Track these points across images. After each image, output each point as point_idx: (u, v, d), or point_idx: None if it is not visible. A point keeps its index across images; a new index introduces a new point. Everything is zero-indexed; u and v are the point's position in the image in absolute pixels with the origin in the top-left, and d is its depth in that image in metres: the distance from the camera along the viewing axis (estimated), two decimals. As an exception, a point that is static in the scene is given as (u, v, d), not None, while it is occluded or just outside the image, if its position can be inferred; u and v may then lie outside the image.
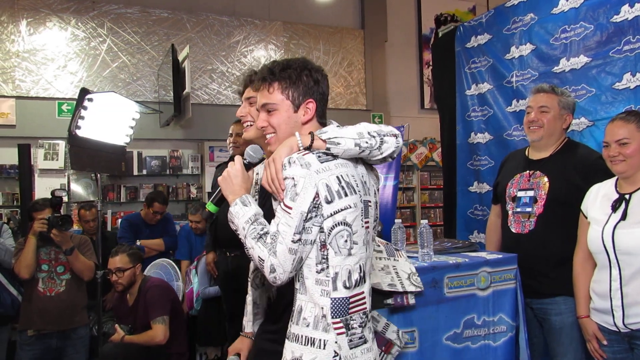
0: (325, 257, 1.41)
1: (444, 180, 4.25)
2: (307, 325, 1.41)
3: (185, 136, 6.55)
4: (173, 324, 3.22)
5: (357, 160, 1.50)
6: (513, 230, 2.50)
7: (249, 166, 1.57)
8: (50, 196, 3.34)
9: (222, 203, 1.57)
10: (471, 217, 3.78)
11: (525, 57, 3.25)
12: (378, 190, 1.61)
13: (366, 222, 1.48)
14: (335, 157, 1.43)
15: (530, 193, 2.45)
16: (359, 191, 1.45)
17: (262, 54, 7.06)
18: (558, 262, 2.34)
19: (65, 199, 5.33)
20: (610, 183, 2.14)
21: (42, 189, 5.42)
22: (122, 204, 6.25)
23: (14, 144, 4.92)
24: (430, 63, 5.86)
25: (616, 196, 2.07)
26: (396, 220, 2.43)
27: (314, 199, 1.38)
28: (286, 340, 1.45)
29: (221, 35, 6.83)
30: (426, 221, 2.39)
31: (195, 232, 4.44)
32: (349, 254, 1.43)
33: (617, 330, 2.04)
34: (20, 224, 4.93)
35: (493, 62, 3.54)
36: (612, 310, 2.03)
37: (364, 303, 1.46)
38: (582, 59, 2.87)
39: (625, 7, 2.63)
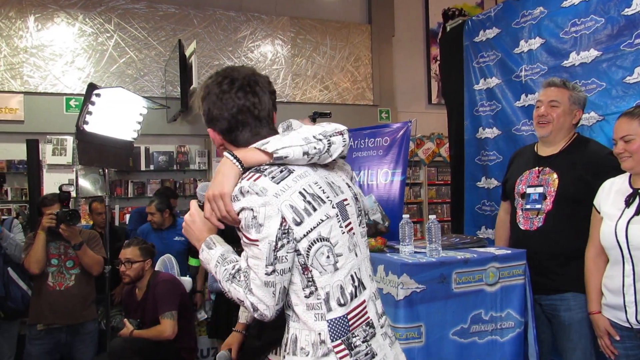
0: (310, 279, 1.28)
1: (451, 175, 4.23)
2: (307, 354, 1.29)
3: (192, 132, 6.56)
4: (182, 319, 3.23)
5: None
6: (522, 227, 2.48)
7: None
8: (58, 191, 3.36)
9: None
10: (479, 213, 3.76)
11: (535, 51, 3.22)
12: (352, 177, 1.52)
13: (347, 225, 1.36)
14: (290, 171, 1.30)
15: (540, 190, 2.43)
16: (328, 198, 1.33)
17: (269, 49, 7.05)
18: (567, 258, 2.33)
19: (73, 193, 5.37)
20: (623, 178, 2.12)
21: (51, 184, 5.45)
22: (129, 199, 6.28)
23: (23, 139, 4.95)
24: (438, 58, 5.83)
25: (630, 191, 2.05)
26: (404, 216, 2.42)
27: (281, 225, 1.24)
28: None
29: (228, 30, 6.83)
30: (434, 216, 2.38)
31: (153, 227, 4.24)
32: (336, 269, 1.30)
33: (630, 326, 2.03)
34: (29, 218, 4.96)
35: (502, 56, 3.51)
36: (624, 306, 2.02)
37: (366, 313, 1.34)
38: (593, 53, 2.84)
39: (637, 0, 2.60)
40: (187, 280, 3.77)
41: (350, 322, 1.30)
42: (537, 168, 2.49)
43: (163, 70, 6.46)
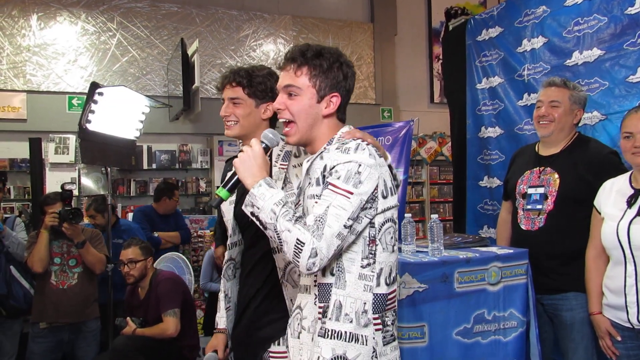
0: (373, 252, 1.37)
1: (453, 174, 4.23)
2: (350, 321, 1.35)
3: (194, 130, 6.57)
4: (184, 317, 3.23)
5: None
6: (523, 227, 2.48)
7: (266, 150, 1.45)
8: (60, 190, 3.37)
9: (235, 189, 1.45)
10: (481, 212, 3.75)
11: (537, 50, 3.22)
12: None
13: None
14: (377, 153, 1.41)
15: (541, 190, 2.43)
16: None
17: (271, 48, 7.05)
18: (568, 258, 2.32)
19: (75, 192, 5.38)
20: (624, 178, 2.11)
21: (53, 182, 5.46)
22: (132, 197, 6.29)
23: (25, 138, 4.95)
24: (440, 57, 5.82)
25: (631, 191, 2.04)
26: (406, 215, 2.42)
27: (374, 190, 1.33)
28: (320, 339, 1.36)
29: (230, 29, 6.83)
30: (436, 215, 2.37)
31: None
32: (392, 251, 1.41)
33: (631, 327, 2.02)
34: (32, 217, 4.97)
35: (504, 55, 3.51)
36: (626, 306, 2.01)
37: (395, 300, 1.44)
38: (596, 52, 2.83)
39: (640, -1, 2.60)
40: (192, 279, 3.78)
41: (387, 302, 1.39)
42: (538, 168, 2.48)
43: (165, 69, 6.47)
